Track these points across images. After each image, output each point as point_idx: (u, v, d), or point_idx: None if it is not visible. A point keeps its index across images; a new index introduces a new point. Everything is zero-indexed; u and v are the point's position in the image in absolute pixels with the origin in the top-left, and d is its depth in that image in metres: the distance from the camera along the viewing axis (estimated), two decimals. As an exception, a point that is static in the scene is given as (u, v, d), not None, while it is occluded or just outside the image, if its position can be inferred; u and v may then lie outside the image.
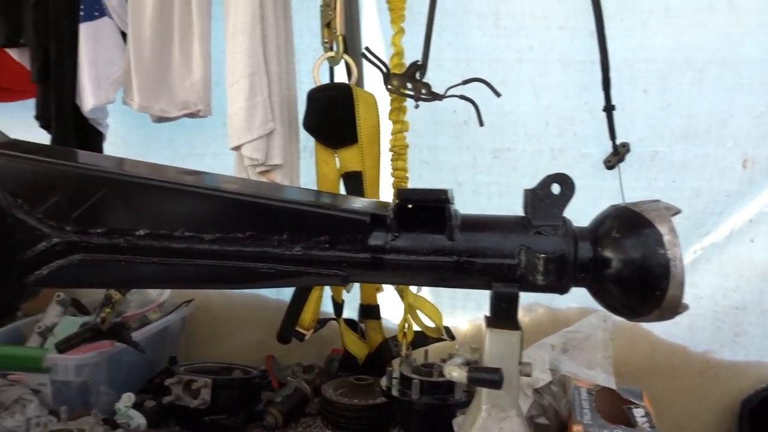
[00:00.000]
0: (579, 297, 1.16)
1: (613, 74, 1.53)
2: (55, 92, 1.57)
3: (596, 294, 0.80)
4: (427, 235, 0.81)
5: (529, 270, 0.77)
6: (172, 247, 0.86)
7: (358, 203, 0.96)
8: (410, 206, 0.83)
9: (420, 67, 1.39)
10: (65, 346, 1.42)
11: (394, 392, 1.37)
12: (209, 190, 0.86)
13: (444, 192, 0.79)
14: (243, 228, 0.84)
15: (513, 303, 0.79)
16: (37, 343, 1.63)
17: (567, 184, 0.79)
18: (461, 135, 1.72)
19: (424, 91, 1.39)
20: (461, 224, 0.81)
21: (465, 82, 1.34)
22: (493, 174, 1.73)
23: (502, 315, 0.79)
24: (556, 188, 0.80)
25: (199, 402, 1.45)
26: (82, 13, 1.57)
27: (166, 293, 1.80)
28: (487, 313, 0.86)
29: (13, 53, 1.65)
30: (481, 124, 1.39)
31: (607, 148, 1.60)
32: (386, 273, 0.84)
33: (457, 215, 0.82)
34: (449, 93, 1.38)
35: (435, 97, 1.39)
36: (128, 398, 1.43)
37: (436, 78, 1.51)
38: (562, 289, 0.79)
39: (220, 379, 1.49)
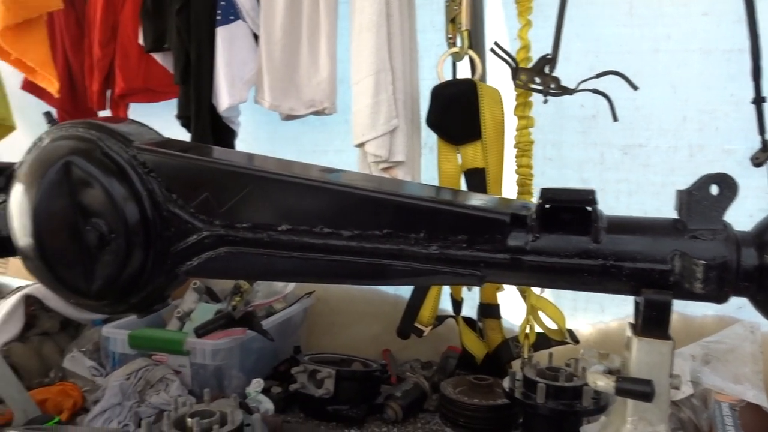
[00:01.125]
0: (715, 305, 1.07)
1: (764, 63, 1.40)
2: (195, 93, 1.68)
3: (760, 304, 0.74)
4: (570, 236, 0.78)
5: (685, 277, 0.72)
6: (311, 243, 0.89)
7: (486, 200, 0.94)
8: (552, 206, 0.80)
9: (550, 60, 1.35)
10: (203, 331, 1.52)
11: (517, 394, 1.34)
12: (349, 187, 0.87)
13: (591, 192, 0.75)
14: (380, 225, 0.85)
15: (665, 311, 0.75)
16: (176, 327, 1.75)
17: (728, 185, 0.73)
18: (588, 130, 1.65)
19: (553, 85, 1.35)
20: (607, 226, 0.77)
21: (599, 75, 1.28)
22: (621, 171, 1.65)
23: (653, 324, 0.75)
24: (714, 189, 0.74)
25: (323, 391, 1.49)
26: (219, 18, 1.66)
27: (291, 285, 1.87)
28: (631, 320, 0.82)
29: (157, 57, 1.77)
30: (615, 118, 1.33)
31: (755, 144, 1.47)
32: (525, 275, 0.82)
33: (602, 217, 0.78)
34: (581, 87, 1.32)
35: (565, 91, 1.34)
36: (258, 383, 1.50)
37: (562, 71, 1.46)
38: (721, 299, 0.73)
39: (343, 370, 1.53)
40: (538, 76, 1.37)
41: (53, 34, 1.89)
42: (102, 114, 1.98)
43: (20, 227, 0.98)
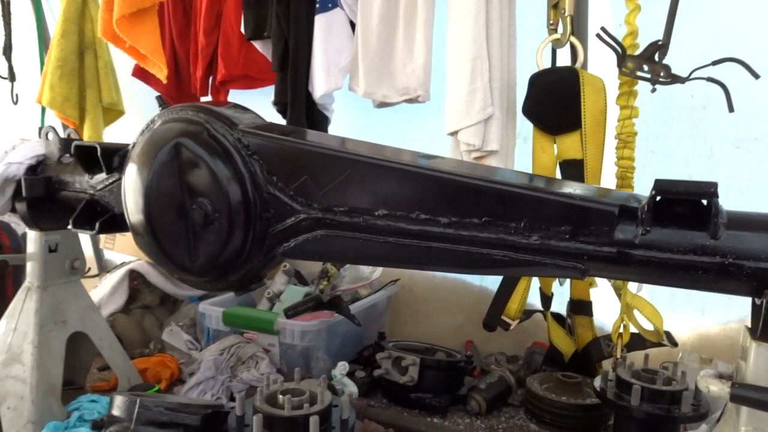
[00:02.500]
0: None
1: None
2: (292, 80, 1.71)
3: None
4: (685, 231, 0.74)
5: (816, 279, 0.66)
6: (408, 229, 0.89)
7: (590, 190, 0.90)
8: (662, 199, 0.76)
9: (660, 47, 1.27)
10: (292, 312, 1.56)
11: (610, 395, 1.28)
12: (448, 174, 0.86)
13: (712, 185, 0.71)
14: (480, 213, 0.84)
15: (790, 316, 0.69)
16: (266, 308, 1.80)
17: None
18: (697, 122, 1.55)
19: (662, 73, 1.28)
20: (727, 222, 0.72)
21: (715, 63, 1.20)
22: (733, 167, 1.54)
23: (776, 328, 0.69)
24: None
25: (407, 379, 1.50)
26: (317, 6, 1.68)
27: (378, 271, 1.89)
28: (747, 323, 0.76)
29: (257, 45, 1.82)
30: (731, 109, 1.24)
31: None
32: (632, 270, 0.78)
33: (722, 211, 0.73)
34: (694, 75, 1.24)
35: (676, 79, 1.27)
36: (343, 367, 1.53)
37: (671, 59, 1.37)
38: None
39: (427, 358, 1.53)
40: (646, 63, 1.30)
41: (162, 23, 1.99)
42: (204, 100, 2.07)
43: (133, 204, 1.03)
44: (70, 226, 1.18)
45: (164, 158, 0.99)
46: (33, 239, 1.28)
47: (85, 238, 2.26)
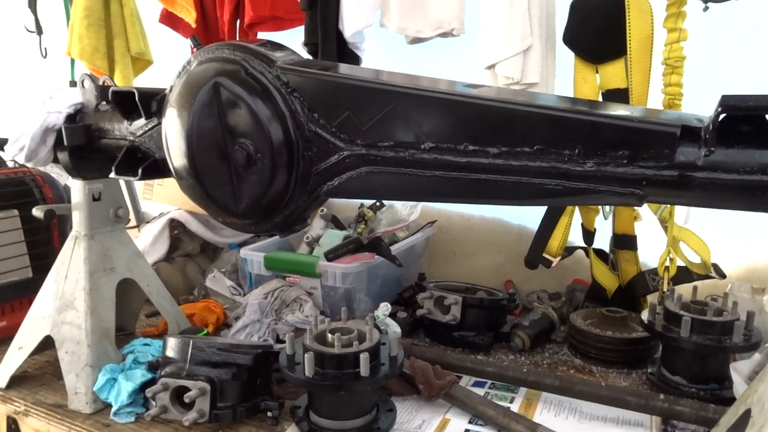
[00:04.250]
0: None
1: None
2: (321, 18, 1.66)
3: None
4: (752, 150, 0.70)
5: None
6: (456, 161, 0.86)
7: (647, 112, 0.86)
8: (726, 118, 0.72)
9: (714, -39, 1.19)
10: (333, 255, 1.57)
11: (658, 327, 1.27)
12: (496, 101, 0.83)
13: (785, 99, 0.67)
14: (531, 141, 0.81)
15: None
16: (306, 252, 1.81)
17: None
18: (749, 44, 1.47)
19: (715, -10, 1.20)
20: (798, 139, 0.68)
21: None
22: (787, 90, 1.46)
23: None
24: None
25: (449, 318, 1.50)
26: (345, -62, 1.61)
27: (416, 213, 1.87)
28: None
29: (284, -16, 1.77)
30: (791, 26, 1.16)
31: None
32: (695, 194, 0.75)
33: (793, 128, 0.69)
34: (751, -9, 1.17)
35: (730, -4, 1.19)
36: (386, 308, 1.53)
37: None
38: None
39: (469, 297, 1.53)
40: (697, -20, 1.22)
41: (186, -34, 1.95)
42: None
43: (175, 148, 1.03)
44: (112, 174, 1.19)
45: (203, 99, 0.97)
46: (77, 188, 1.29)
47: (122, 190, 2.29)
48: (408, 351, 1.35)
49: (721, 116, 0.71)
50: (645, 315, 1.32)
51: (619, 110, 0.82)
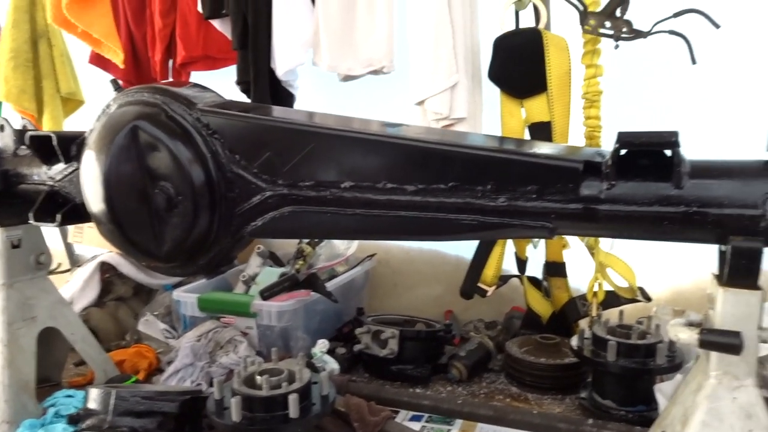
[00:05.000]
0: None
1: None
2: (253, 57, 1.68)
3: None
4: (649, 183, 0.74)
5: (779, 222, 0.67)
6: (375, 199, 0.88)
7: (555, 149, 0.90)
8: (626, 152, 0.76)
9: (622, 2, 1.26)
10: (268, 293, 1.55)
11: (587, 353, 1.31)
12: (412, 141, 0.85)
13: (673, 134, 0.71)
14: (446, 179, 0.83)
15: (755, 260, 0.70)
16: (242, 291, 1.78)
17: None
18: (660, 77, 1.56)
19: (625, 29, 1.27)
20: (690, 170, 0.73)
21: (677, 15, 1.19)
22: (699, 120, 1.55)
23: (741, 273, 0.70)
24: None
25: (387, 352, 1.50)
26: (274, -21, 1.64)
27: (353, 247, 1.88)
28: (714, 271, 0.77)
29: (216, 24, 1.78)
30: (694, 61, 1.24)
31: None
32: (599, 225, 0.78)
33: (685, 161, 0.73)
34: (656, 29, 1.24)
35: (638, 35, 1.26)
36: (323, 344, 1.52)
37: (634, 14, 1.37)
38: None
39: (406, 330, 1.53)
40: (608, 20, 1.29)
41: (116, 6, 1.92)
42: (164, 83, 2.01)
43: (92, 193, 1.00)
44: (31, 220, 1.15)
45: (122, 142, 0.96)
46: (-6, 236, 1.25)
47: (54, 234, 2.21)
48: (344, 388, 1.34)
49: (621, 151, 0.75)
50: (574, 341, 1.35)
51: (529, 148, 0.85)
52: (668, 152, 0.74)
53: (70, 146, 1.11)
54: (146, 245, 1.00)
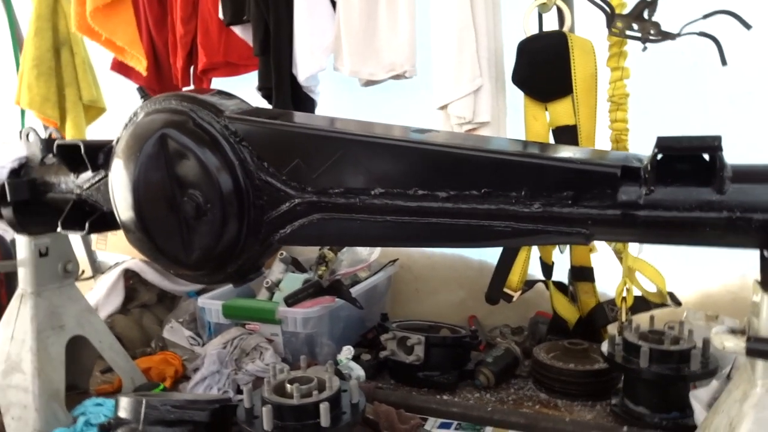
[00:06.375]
0: None
1: None
2: (275, 63, 1.68)
3: None
4: (690, 188, 0.72)
5: (827, 227, 0.65)
6: (406, 206, 0.87)
7: (589, 153, 0.88)
8: (664, 157, 0.74)
9: (650, 3, 1.24)
10: (293, 300, 1.54)
11: (618, 359, 1.28)
12: (444, 147, 0.84)
13: (716, 138, 0.69)
14: (478, 185, 0.82)
15: (802, 266, 0.68)
16: (266, 297, 1.78)
17: None
18: (690, 79, 1.53)
19: (653, 31, 1.25)
20: (732, 175, 0.71)
21: (706, 16, 1.17)
22: (728, 122, 1.52)
23: (788, 279, 0.68)
24: None
25: (413, 358, 1.49)
26: (296, -15, 1.64)
27: (376, 253, 1.87)
28: (756, 277, 0.75)
29: (237, 30, 1.78)
30: (724, 62, 1.22)
31: None
32: (638, 231, 0.76)
33: (726, 165, 0.71)
34: (685, 31, 1.22)
35: (666, 36, 1.24)
36: (349, 351, 1.51)
37: (661, 16, 1.35)
38: None
39: (433, 336, 1.52)
40: (636, 22, 1.27)
41: (137, 14, 1.94)
42: (186, 89, 2.02)
43: (121, 201, 1.01)
44: (59, 229, 1.15)
45: (150, 151, 0.96)
46: (22, 244, 1.25)
47: (76, 241, 2.23)
48: (372, 395, 1.33)
49: (659, 156, 0.73)
50: (605, 347, 1.33)
51: (563, 152, 0.83)
52: (706, 156, 0.72)
53: (97, 155, 1.12)
54: (175, 253, 1.00)
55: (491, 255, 1.87)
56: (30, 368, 1.18)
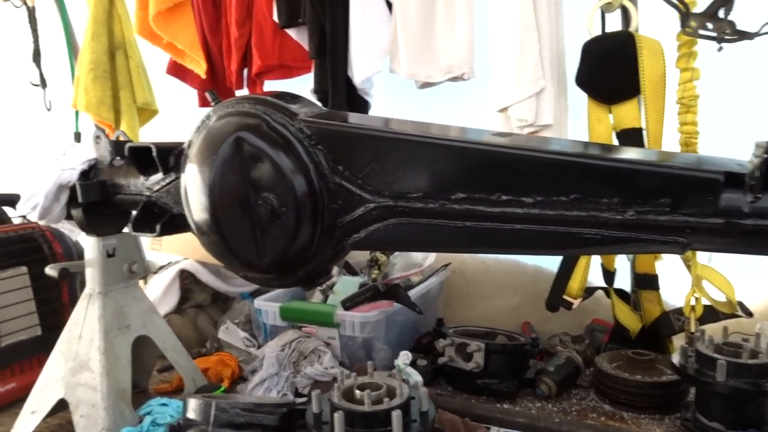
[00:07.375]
0: None
1: None
2: (331, 66, 1.67)
3: None
4: (801, 195, 0.68)
5: None
6: (488, 212, 0.84)
7: (685, 158, 0.85)
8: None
9: (726, 1, 1.20)
10: (350, 304, 1.53)
11: (691, 371, 1.24)
12: (530, 151, 0.82)
13: (836, 142, 0.65)
14: (567, 191, 0.79)
15: None
16: (320, 300, 1.77)
17: None
18: (761, 81, 1.48)
19: (728, 30, 1.20)
20: None
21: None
22: (801, 126, 1.46)
23: None
24: None
25: (473, 365, 1.46)
26: (352, -13, 1.63)
27: (431, 257, 1.85)
28: None
29: (292, 33, 1.78)
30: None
31: None
32: (740, 241, 0.73)
33: (843, 171, 0.67)
34: (765, 30, 1.17)
35: (743, 36, 1.19)
36: (406, 356, 1.49)
37: (737, 15, 1.30)
38: None
39: (492, 344, 1.49)
40: (710, 21, 1.23)
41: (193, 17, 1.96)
42: (239, 93, 2.03)
43: (195, 203, 1.00)
44: (129, 230, 1.16)
45: (225, 154, 0.95)
46: (91, 245, 1.27)
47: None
48: (434, 402, 1.31)
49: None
50: (676, 358, 1.29)
51: (651, 156, 0.80)
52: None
53: (168, 157, 1.12)
54: (247, 256, 1.00)
55: (546, 260, 1.84)
56: (98, 367, 1.19)
